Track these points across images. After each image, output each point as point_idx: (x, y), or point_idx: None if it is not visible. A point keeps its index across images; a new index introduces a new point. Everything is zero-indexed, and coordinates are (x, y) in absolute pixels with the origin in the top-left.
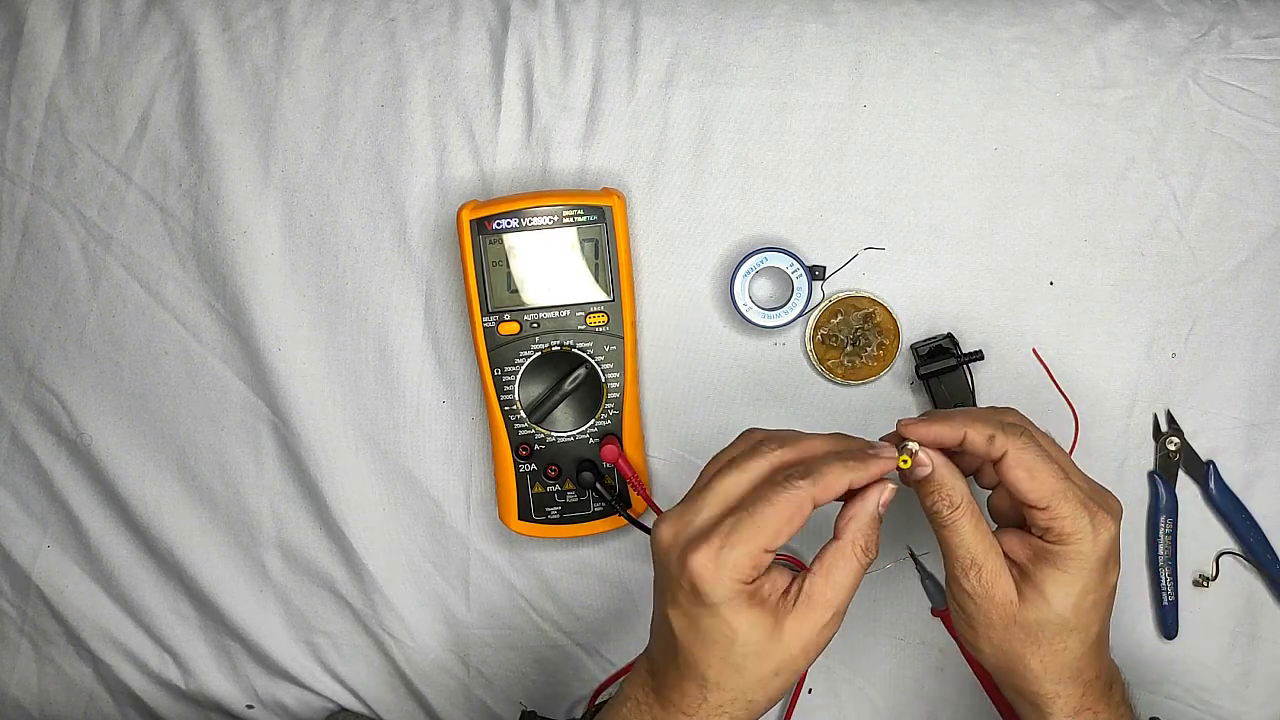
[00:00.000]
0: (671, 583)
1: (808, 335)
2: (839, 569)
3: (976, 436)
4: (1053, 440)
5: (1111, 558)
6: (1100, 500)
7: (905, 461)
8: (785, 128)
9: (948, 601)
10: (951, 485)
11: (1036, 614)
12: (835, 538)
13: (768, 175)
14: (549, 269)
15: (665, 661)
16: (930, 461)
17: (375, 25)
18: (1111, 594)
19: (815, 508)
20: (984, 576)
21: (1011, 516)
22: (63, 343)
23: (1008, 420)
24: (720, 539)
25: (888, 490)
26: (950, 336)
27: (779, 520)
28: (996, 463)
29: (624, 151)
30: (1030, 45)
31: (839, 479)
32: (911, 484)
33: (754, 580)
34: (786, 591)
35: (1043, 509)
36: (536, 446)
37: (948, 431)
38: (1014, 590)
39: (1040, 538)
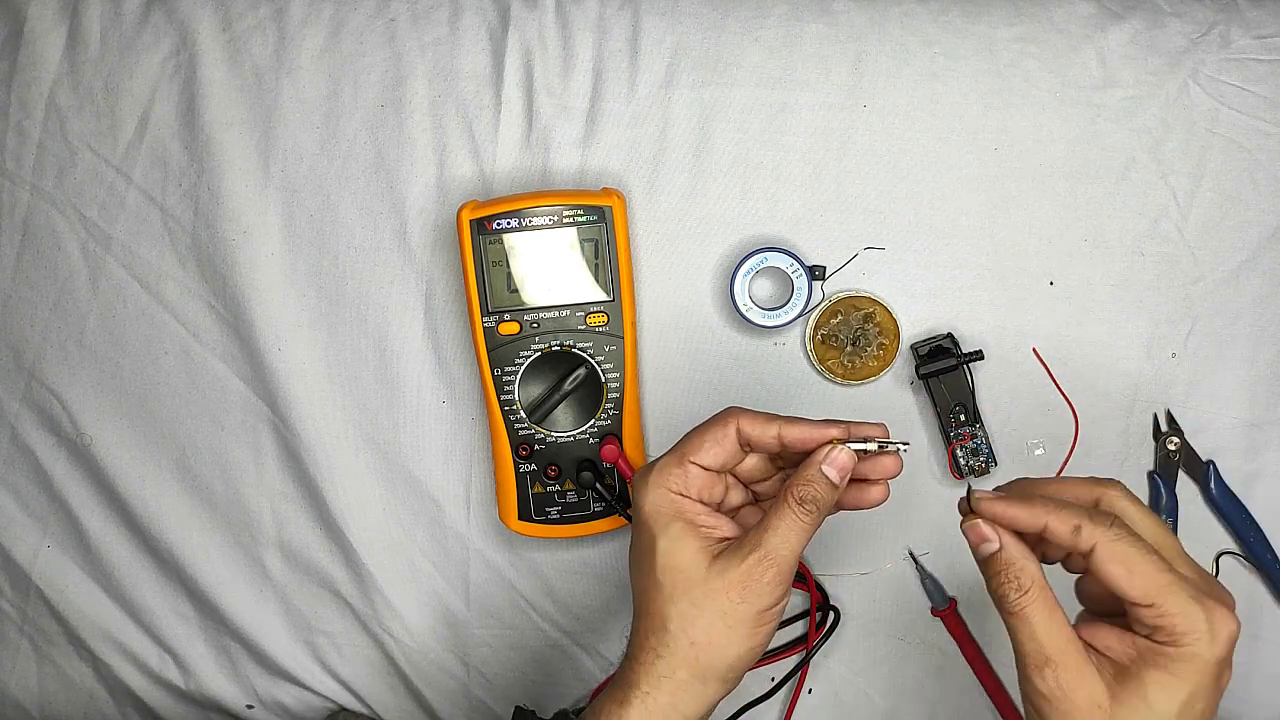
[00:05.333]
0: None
1: (808, 335)
2: (774, 516)
3: (1060, 527)
4: (1155, 518)
5: (1228, 659)
6: (1215, 593)
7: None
8: (785, 128)
9: (1022, 702)
10: (1021, 566)
11: (1133, 718)
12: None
13: (768, 175)
14: (549, 269)
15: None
16: (997, 538)
17: (375, 25)
18: (1219, 698)
19: (745, 444)
20: (1062, 677)
21: (1105, 603)
22: (63, 343)
23: (1103, 493)
24: (658, 458)
25: (837, 451)
26: (950, 336)
27: (704, 437)
28: (1086, 556)
29: (624, 151)
30: (1030, 45)
31: (770, 418)
32: (977, 561)
33: (683, 494)
34: (729, 538)
35: (1148, 606)
36: (536, 446)
37: (1025, 517)
38: (1102, 693)
39: (1147, 636)
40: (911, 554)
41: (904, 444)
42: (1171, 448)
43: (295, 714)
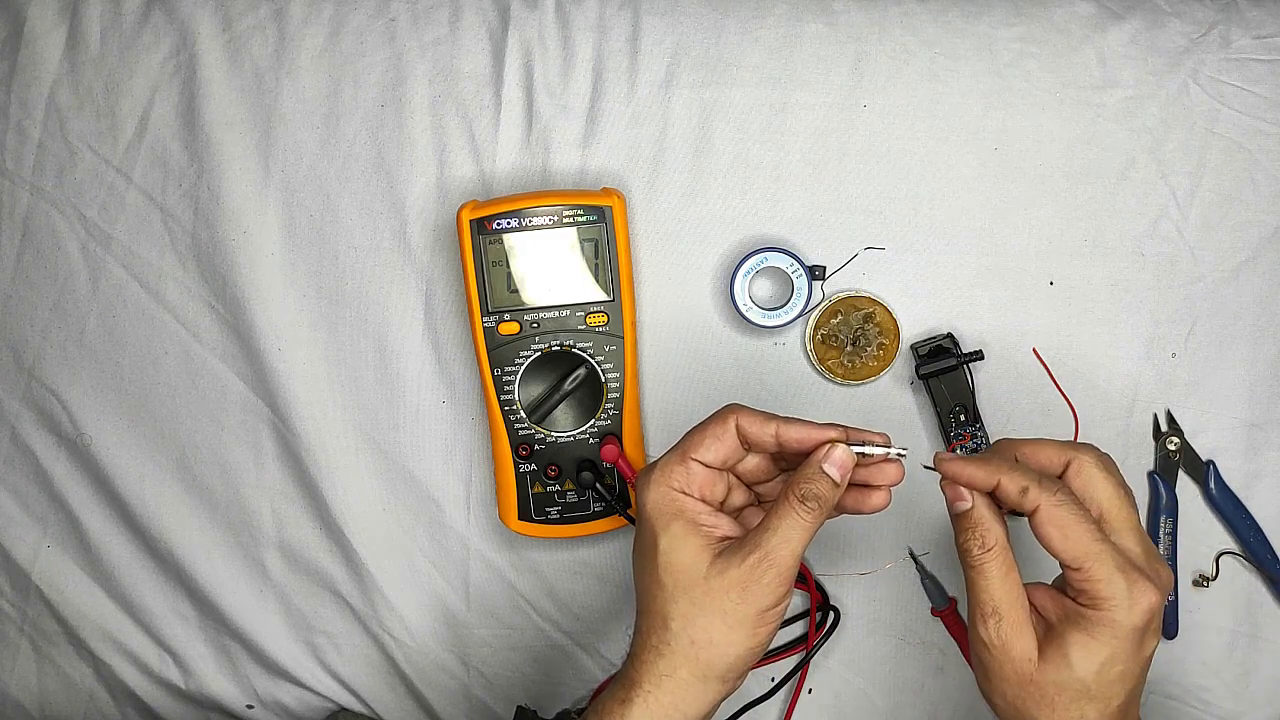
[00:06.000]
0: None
1: (808, 335)
2: (775, 516)
3: (1010, 487)
4: (1118, 490)
5: (1149, 629)
6: (1146, 567)
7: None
8: (785, 128)
9: (969, 648)
10: (988, 526)
11: (1056, 675)
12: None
13: (768, 175)
14: (549, 269)
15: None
16: (970, 498)
17: (375, 25)
18: (1144, 665)
19: (744, 441)
20: (1003, 628)
21: None
22: (63, 343)
23: (1074, 456)
24: (660, 457)
25: (836, 449)
26: (950, 336)
27: (704, 433)
28: (1030, 517)
29: (624, 151)
30: (1030, 45)
31: (768, 417)
32: (950, 517)
33: (685, 492)
34: (731, 537)
35: (1076, 569)
36: (536, 446)
37: (980, 476)
38: (1034, 648)
39: (1073, 599)
40: (912, 554)
41: (902, 449)
42: (1171, 448)
43: (295, 714)
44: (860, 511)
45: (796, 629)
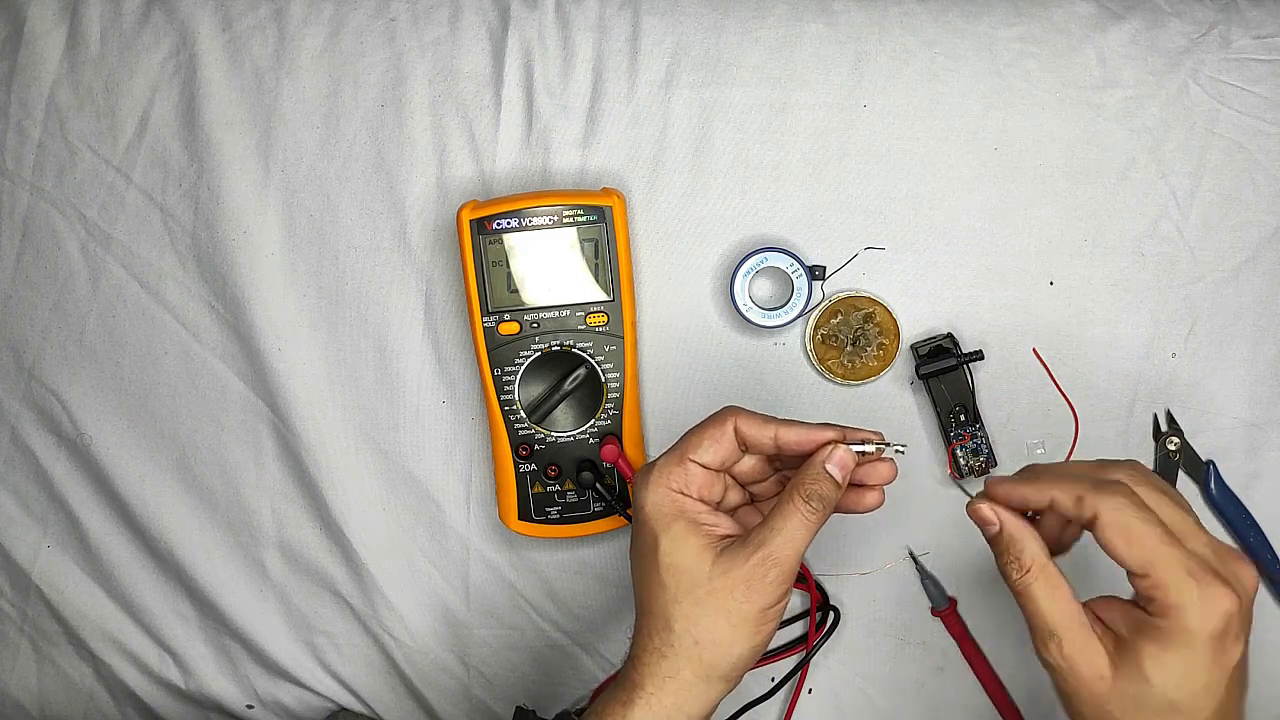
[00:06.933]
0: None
1: (808, 335)
2: (778, 516)
3: (1063, 498)
4: (1168, 497)
5: (1229, 636)
6: (1221, 569)
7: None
8: (785, 128)
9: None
10: (1021, 545)
11: (1135, 691)
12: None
13: (768, 175)
14: (549, 269)
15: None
16: (997, 520)
17: (375, 25)
18: (1233, 674)
19: (742, 443)
20: (1065, 650)
21: None
22: (63, 343)
23: (1109, 476)
24: (658, 457)
25: (839, 450)
26: (950, 336)
27: (703, 435)
28: (1090, 526)
29: (624, 151)
30: (1030, 45)
31: (767, 420)
32: (988, 542)
33: (683, 492)
34: (731, 535)
35: (1142, 576)
36: (536, 446)
37: (1033, 494)
38: (1106, 664)
39: (1144, 608)
40: (911, 554)
41: (901, 446)
42: (1171, 448)
43: (295, 714)
44: (854, 511)
45: (796, 629)
